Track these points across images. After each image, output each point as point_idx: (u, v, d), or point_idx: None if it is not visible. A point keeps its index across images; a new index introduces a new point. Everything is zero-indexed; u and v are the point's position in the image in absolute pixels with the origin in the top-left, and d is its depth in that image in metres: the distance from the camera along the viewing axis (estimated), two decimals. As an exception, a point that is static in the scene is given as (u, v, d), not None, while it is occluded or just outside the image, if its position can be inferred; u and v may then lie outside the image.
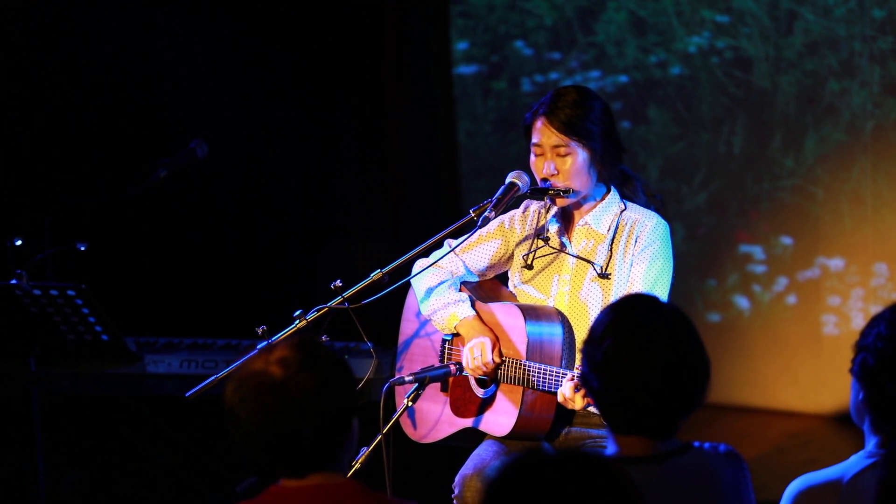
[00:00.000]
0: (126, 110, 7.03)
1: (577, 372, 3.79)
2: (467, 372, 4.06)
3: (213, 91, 7.14)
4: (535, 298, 4.10)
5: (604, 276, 4.01)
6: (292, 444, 2.67)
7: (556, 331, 3.97)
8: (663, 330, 2.79)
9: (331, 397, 2.68)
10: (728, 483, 2.89)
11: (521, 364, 3.94)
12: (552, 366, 3.89)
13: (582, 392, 3.72)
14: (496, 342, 4.02)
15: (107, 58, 6.93)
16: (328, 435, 2.68)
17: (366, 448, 3.82)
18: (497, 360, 4.00)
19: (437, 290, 4.17)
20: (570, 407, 3.82)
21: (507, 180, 4.05)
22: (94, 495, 5.88)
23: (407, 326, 4.39)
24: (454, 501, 4.03)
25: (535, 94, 7.41)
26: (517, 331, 3.98)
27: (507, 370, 3.99)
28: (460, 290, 4.22)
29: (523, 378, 3.93)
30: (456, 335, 4.18)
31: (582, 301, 4.01)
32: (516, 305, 4.03)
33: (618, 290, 4.00)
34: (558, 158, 3.98)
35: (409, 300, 4.38)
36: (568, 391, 3.77)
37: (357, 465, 3.79)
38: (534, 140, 4.02)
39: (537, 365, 3.90)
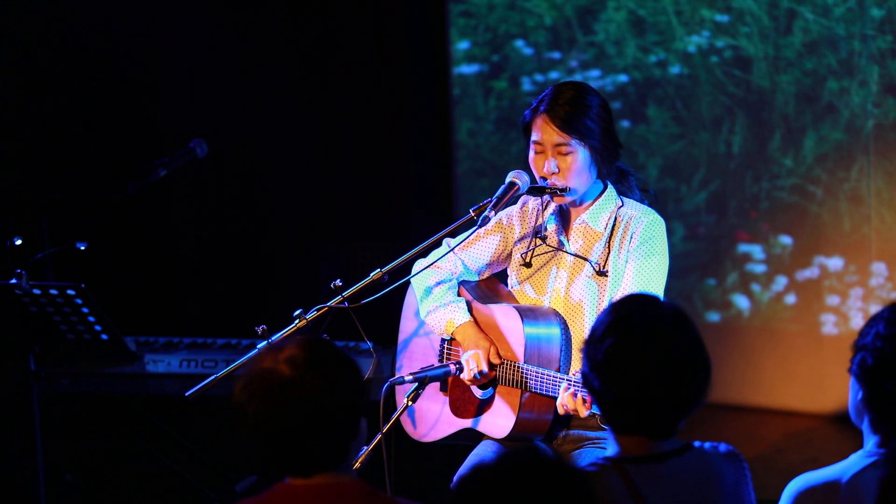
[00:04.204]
0: (126, 110, 7.03)
1: (573, 378, 3.77)
2: (464, 377, 4.05)
3: (213, 91, 7.15)
4: (533, 298, 4.09)
5: (601, 273, 4.00)
6: (299, 443, 2.67)
7: (554, 332, 3.97)
8: (664, 329, 2.79)
9: (339, 397, 2.68)
10: (729, 483, 2.90)
11: (518, 367, 3.94)
12: (549, 370, 3.88)
13: (581, 398, 3.72)
14: (489, 349, 4.01)
15: (107, 57, 6.93)
16: (335, 435, 2.68)
17: (366, 447, 3.82)
18: (492, 365, 3.99)
19: (435, 294, 4.17)
20: (573, 414, 3.81)
21: (507, 179, 4.03)
22: (94, 495, 5.88)
23: (407, 325, 4.38)
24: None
25: (535, 93, 7.39)
26: (515, 333, 3.97)
27: (505, 372, 3.98)
28: (459, 293, 4.21)
29: (520, 381, 3.92)
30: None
31: (578, 299, 4.00)
32: (514, 307, 4.02)
33: (614, 287, 3.99)
34: (559, 157, 3.97)
35: (409, 298, 4.37)
36: (568, 402, 3.76)
37: (357, 465, 3.79)
38: (534, 138, 4.00)
39: (534, 368, 3.89)
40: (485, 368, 3.97)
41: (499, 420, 4.01)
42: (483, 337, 4.04)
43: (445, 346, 4.22)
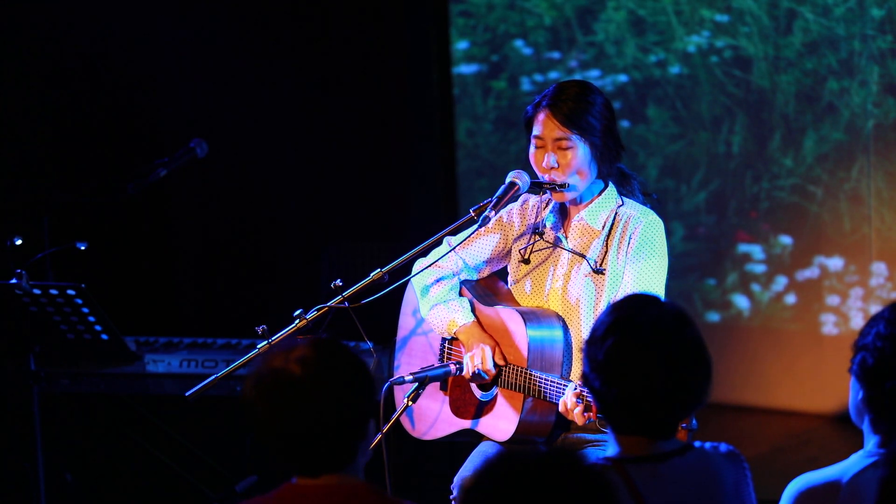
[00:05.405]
0: (126, 110, 7.03)
1: (579, 386, 3.76)
2: (466, 377, 4.04)
3: (213, 91, 7.15)
4: (531, 295, 4.09)
5: (598, 271, 3.99)
6: (307, 443, 2.67)
7: (557, 335, 3.96)
8: (665, 330, 2.79)
9: (348, 398, 2.68)
10: (729, 483, 2.90)
11: (524, 372, 3.92)
12: (556, 376, 3.88)
13: (581, 408, 3.71)
14: (496, 348, 4.01)
15: (107, 57, 6.93)
16: (344, 435, 2.68)
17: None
18: (496, 366, 3.99)
19: (437, 293, 4.16)
20: (569, 418, 3.81)
21: (508, 179, 4.03)
22: (94, 495, 5.88)
23: (405, 322, 4.38)
24: (453, 502, 4.04)
25: (534, 93, 7.39)
26: (518, 336, 3.97)
27: (509, 376, 3.98)
28: (461, 293, 4.21)
29: (527, 386, 3.91)
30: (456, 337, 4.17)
31: (575, 297, 4.00)
32: (516, 310, 4.01)
33: (611, 286, 3.98)
34: (559, 151, 3.96)
35: (408, 295, 4.36)
36: (570, 405, 3.75)
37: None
38: (535, 132, 4.00)
39: (542, 374, 3.88)
40: (490, 367, 3.97)
41: (500, 423, 4.00)
42: (487, 338, 4.04)
43: (446, 345, 4.22)
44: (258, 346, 3.92)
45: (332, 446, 2.68)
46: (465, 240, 4.16)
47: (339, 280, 3.96)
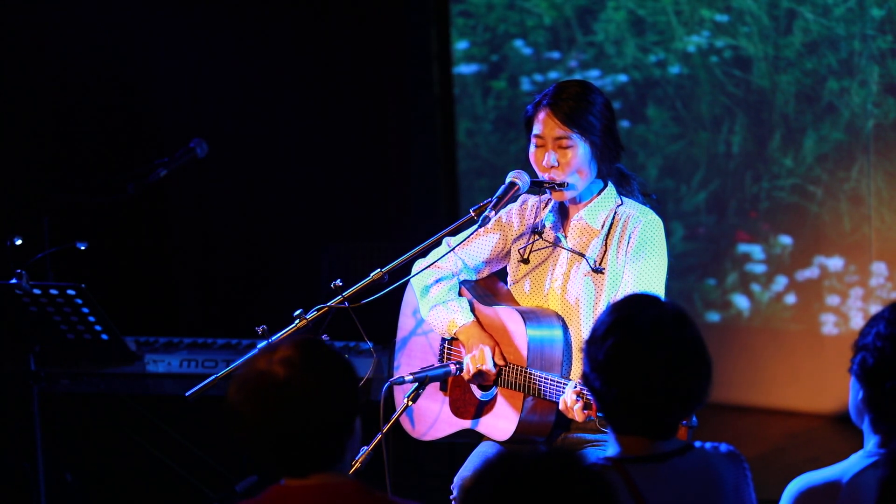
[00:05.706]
0: (126, 110, 7.03)
1: (579, 384, 3.76)
2: (467, 377, 4.04)
3: (213, 91, 7.15)
4: (530, 295, 4.09)
5: (597, 270, 3.99)
6: (295, 444, 2.67)
7: (557, 334, 3.96)
8: (665, 330, 2.79)
9: (334, 397, 2.68)
10: (729, 483, 2.90)
11: (524, 371, 3.92)
12: (556, 374, 3.88)
13: (581, 405, 3.71)
14: (495, 348, 4.01)
15: (107, 57, 6.93)
16: (331, 435, 2.68)
17: (366, 447, 3.82)
18: (499, 364, 3.99)
19: (437, 294, 4.16)
20: (569, 416, 3.82)
21: (508, 179, 4.04)
22: (94, 495, 5.88)
23: (405, 323, 4.38)
24: (453, 502, 4.04)
25: (534, 93, 7.38)
26: (518, 336, 3.97)
27: (509, 376, 3.98)
28: (460, 293, 4.21)
29: (526, 385, 3.91)
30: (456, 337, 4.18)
31: (574, 296, 4.00)
32: (516, 310, 4.01)
33: (611, 285, 3.98)
34: (560, 150, 3.97)
35: (408, 296, 4.37)
36: (570, 402, 3.75)
37: (357, 465, 3.79)
38: (535, 131, 4.00)
39: (541, 373, 3.88)
40: (491, 367, 3.97)
41: (500, 423, 4.00)
42: (487, 337, 4.04)
43: (445, 346, 4.22)
44: (258, 346, 3.91)
45: (319, 446, 2.68)
46: (464, 240, 4.16)
47: (339, 280, 3.96)
